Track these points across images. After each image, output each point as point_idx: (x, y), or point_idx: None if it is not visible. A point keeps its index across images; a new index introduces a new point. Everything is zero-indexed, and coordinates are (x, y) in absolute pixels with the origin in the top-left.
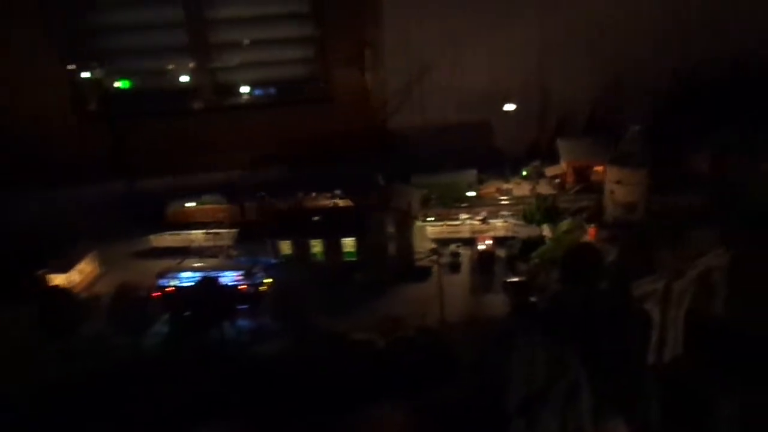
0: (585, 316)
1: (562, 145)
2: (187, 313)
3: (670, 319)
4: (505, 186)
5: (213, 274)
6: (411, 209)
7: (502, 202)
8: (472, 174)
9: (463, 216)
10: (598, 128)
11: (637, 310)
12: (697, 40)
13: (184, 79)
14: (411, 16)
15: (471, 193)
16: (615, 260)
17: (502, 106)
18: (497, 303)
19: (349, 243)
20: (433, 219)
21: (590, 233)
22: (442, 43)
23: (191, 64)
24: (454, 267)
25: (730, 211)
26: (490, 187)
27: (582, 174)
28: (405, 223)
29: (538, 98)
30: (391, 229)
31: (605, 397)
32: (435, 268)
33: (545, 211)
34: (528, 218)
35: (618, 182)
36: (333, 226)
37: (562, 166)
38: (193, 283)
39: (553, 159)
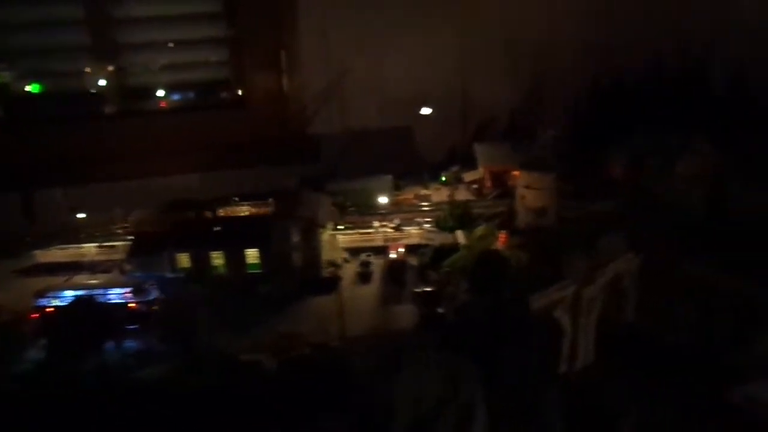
0: (489, 328)
1: (479, 150)
2: (64, 336)
3: (581, 327)
4: (424, 192)
5: (99, 291)
6: (318, 217)
7: (423, 209)
8: (387, 180)
9: (376, 224)
10: (519, 132)
11: (543, 321)
12: (618, 43)
13: (96, 82)
14: (329, 18)
15: (384, 200)
16: (524, 268)
17: (422, 110)
18: (407, 315)
19: (252, 254)
20: (343, 227)
21: (500, 240)
22: (361, 46)
23: (109, 67)
24: (365, 277)
25: (641, 216)
26: (408, 194)
27: (500, 179)
28: (311, 232)
29: (459, 102)
30: (296, 238)
31: (503, 416)
32: (345, 279)
33: (458, 217)
34: (440, 225)
35: (528, 187)
36: (235, 236)
37: (480, 172)
38: (70, 302)
39: (473, 164)
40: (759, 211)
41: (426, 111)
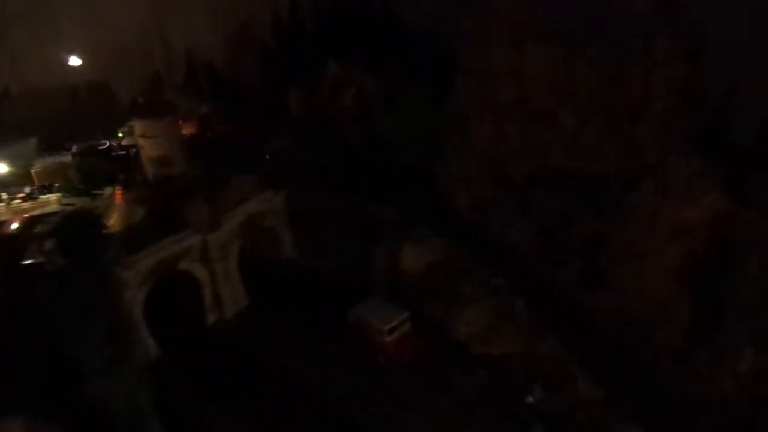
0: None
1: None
2: None
3: (220, 273)
4: None
5: None
6: None
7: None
8: (30, 145)
9: (5, 195)
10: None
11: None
12: None
13: None
14: None
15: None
16: (139, 223)
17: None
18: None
19: None
20: None
21: (117, 197)
22: None
23: None
24: None
25: (306, 152)
26: (68, 156)
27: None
28: None
29: (157, 47)
30: None
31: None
32: None
33: (86, 178)
34: (68, 189)
35: (143, 136)
36: None
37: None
38: None
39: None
40: (405, 136)
41: (75, 62)
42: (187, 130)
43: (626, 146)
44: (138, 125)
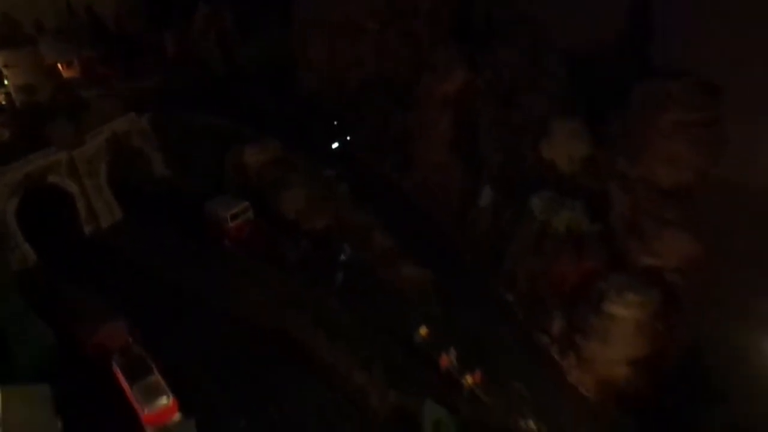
0: None
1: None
2: None
3: (91, 187)
4: None
5: None
6: None
7: None
8: None
9: None
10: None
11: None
12: None
13: None
14: None
15: None
16: (6, 142)
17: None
18: None
19: None
20: None
21: None
22: None
23: None
24: None
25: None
26: None
27: (53, 72)
28: None
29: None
30: None
31: None
32: None
33: None
34: None
35: (6, 66)
36: None
37: None
38: None
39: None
40: (260, 64)
41: None
42: (70, 72)
43: (412, 43)
44: (1, 56)
